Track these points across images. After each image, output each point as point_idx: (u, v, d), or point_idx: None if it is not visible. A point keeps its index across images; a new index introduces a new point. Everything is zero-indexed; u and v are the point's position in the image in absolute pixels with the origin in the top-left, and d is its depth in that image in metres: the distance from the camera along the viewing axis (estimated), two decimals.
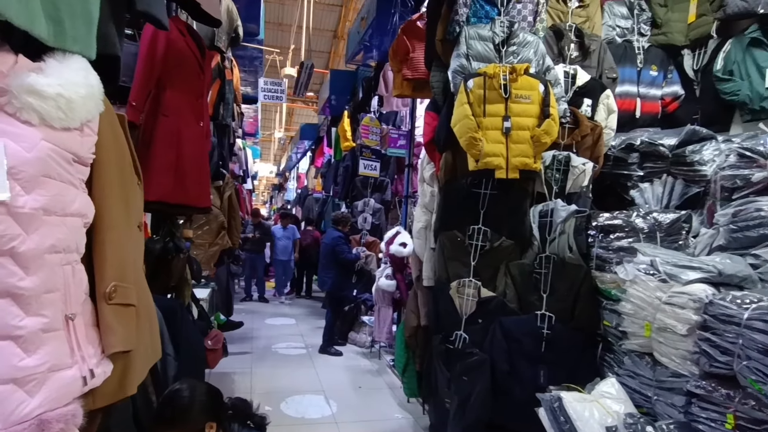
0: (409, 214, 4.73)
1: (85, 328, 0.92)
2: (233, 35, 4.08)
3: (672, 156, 2.63)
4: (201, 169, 2.40)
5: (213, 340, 2.73)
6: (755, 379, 1.68)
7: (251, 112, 9.16)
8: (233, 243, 4.37)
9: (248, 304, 8.13)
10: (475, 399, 2.47)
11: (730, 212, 2.15)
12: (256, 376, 4.52)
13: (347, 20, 14.54)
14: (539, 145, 2.60)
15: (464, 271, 2.69)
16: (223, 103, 4.19)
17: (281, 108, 17.22)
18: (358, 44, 5.99)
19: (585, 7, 3.31)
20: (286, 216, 9.55)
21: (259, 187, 27.55)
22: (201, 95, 2.45)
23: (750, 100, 2.71)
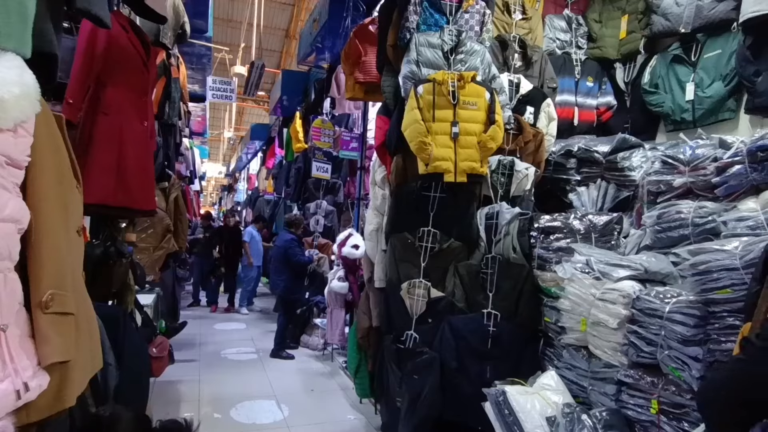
0: (362, 217, 4.77)
1: (19, 339, 0.88)
2: (180, 31, 3.94)
3: (605, 162, 2.83)
4: (145, 170, 2.31)
5: (158, 347, 2.63)
6: (675, 366, 1.84)
7: (199, 111, 8.88)
8: (180, 246, 4.22)
9: (196, 310, 7.86)
10: (425, 396, 2.53)
11: (655, 214, 2.33)
12: (204, 383, 4.39)
13: (299, 20, 14.40)
14: (485, 150, 2.71)
15: (414, 272, 2.76)
16: (168, 102, 4.05)
17: (231, 107, 16.76)
18: (310, 45, 5.97)
19: (528, 19, 3.48)
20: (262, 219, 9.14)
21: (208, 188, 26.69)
22: (145, 93, 2.37)
23: (672, 111, 2.95)
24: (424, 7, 2.97)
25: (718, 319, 1.75)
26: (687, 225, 2.17)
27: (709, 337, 1.76)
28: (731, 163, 2.08)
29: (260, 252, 8.14)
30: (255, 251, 7.92)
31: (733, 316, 1.70)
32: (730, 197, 2.11)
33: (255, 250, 7.93)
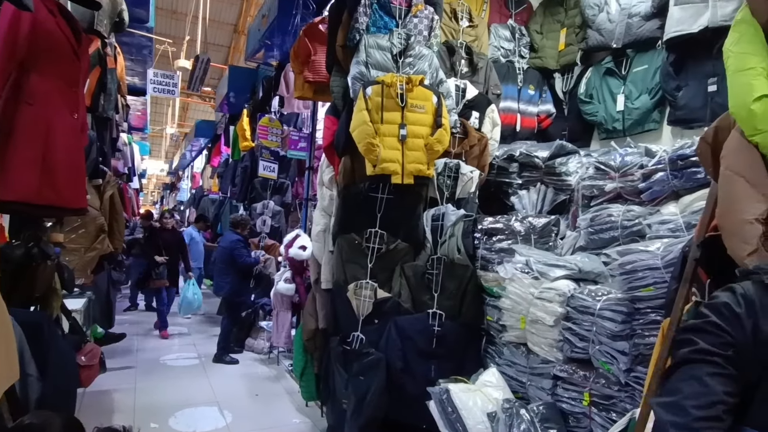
0: (310, 217, 4.71)
1: None
2: (117, 20, 3.75)
3: (545, 167, 2.96)
4: (74, 165, 2.15)
5: (88, 355, 2.47)
6: (605, 360, 1.96)
7: (139, 105, 8.44)
8: (115, 247, 3.98)
9: (134, 314, 7.45)
10: (371, 397, 2.54)
11: (588, 217, 2.47)
12: (140, 391, 4.16)
13: (249, 15, 14.04)
14: (432, 153, 2.76)
15: (361, 273, 2.76)
16: (103, 94, 3.82)
17: (174, 102, 16.04)
18: (259, 42, 5.83)
19: (474, 27, 3.59)
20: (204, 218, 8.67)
21: (149, 186, 25.44)
22: (75, 83, 2.21)
23: (605, 120, 3.14)
24: (374, 9, 2.99)
25: (642, 315, 1.88)
26: (617, 227, 2.32)
27: (635, 332, 1.88)
28: (655, 170, 2.25)
29: (201, 253, 7.85)
30: (195, 253, 7.59)
31: (655, 312, 1.83)
32: (654, 202, 2.27)
33: (195, 252, 7.59)
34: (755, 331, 0.88)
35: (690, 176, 2.11)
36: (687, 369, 0.93)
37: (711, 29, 2.49)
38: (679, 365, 0.95)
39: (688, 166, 2.11)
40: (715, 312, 0.94)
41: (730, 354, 0.89)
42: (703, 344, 0.91)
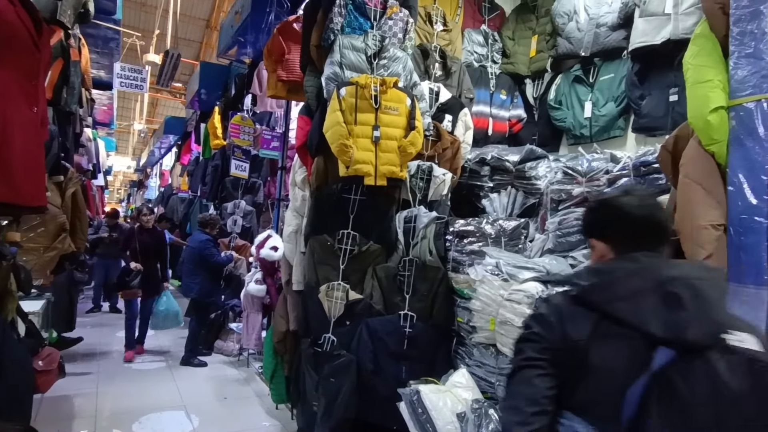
0: (282, 218, 4.66)
1: None
2: (82, 10, 3.60)
3: (515, 171, 3.02)
4: (33, 161, 2.07)
5: (45, 360, 2.36)
6: None
7: (105, 100, 8.16)
8: (78, 247, 3.83)
9: (97, 316, 7.19)
10: (341, 399, 2.53)
11: (556, 221, 2.53)
12: (102, 396, 4.02)
13: (222, 10, 13.77)
14: (405, 155, 2.77)
15: (333, 275, 2.74)
16: (66, 87, 3.68)
17: (142, 97, 15.59)
18: (232, 38, 5.73)
19: (448, 31, 3.63)
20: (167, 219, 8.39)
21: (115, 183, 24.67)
22: (35, 76, 2.11)
23: (573, 126, 3.23)
24: (349, 9, 2.98)
25: None
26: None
27: None
28: (620, 175, 2.32)
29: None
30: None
31: None
32: None
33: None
34: (564, 335, 1.07)
35: (652, 182, 2.19)
36: (520, 374, 1.10)
37: (673, 41, 2.60)
38: (516, 372, 1.12)
39: (651, 172, 2.19)
40: (536, 322, 1.13)
41: (549, 357, 1.08)
42: (529, 353, 1.10)
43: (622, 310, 1.02)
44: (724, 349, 0.93)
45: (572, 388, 1.05)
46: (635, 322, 1.00)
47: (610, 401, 0.99)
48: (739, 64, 1.49)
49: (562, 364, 1.06)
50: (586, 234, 1.27)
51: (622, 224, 1.15)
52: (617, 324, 1.02)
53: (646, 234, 1.13)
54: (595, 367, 1.02)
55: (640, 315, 1.00)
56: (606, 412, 1.00)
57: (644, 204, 1.15)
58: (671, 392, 0.94)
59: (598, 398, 1.02)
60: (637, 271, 1.06)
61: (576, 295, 1.11)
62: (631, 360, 0.99)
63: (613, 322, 1.03)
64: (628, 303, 1.02)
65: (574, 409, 1.05)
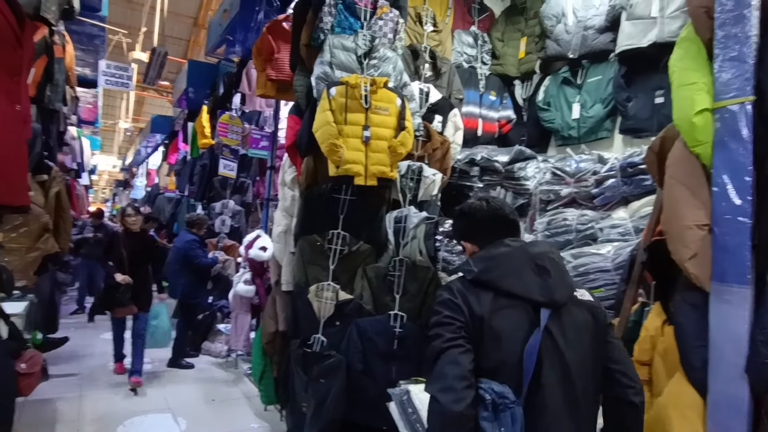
0: (271, 218, 4.63)
1: None
2: (66, 7, 3.55)
3: (504, 171, 3.04)
4: (15, 160, 2.03)
5: (28, 362, 2.31)
6: None
7: (90, 98, 8.04)
8: (61, 247, 3.77)
9: (80, 318, 7.06)
10: (331, 400, 2.51)
11: (545, 221, 2.56)
12: (86, 399, 3.96)
13: (210, 9, 13.64)
14: (395, 155, 2.77)
15: (323, 275, 2.73)
16: (50, 84, 3.62)
17: (128, 95, 15.38)
18: (220, 37, 5.69)
19: (438, 32, 3.64)
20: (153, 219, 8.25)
21: (99, 182, 24.29)
22: (17, 73, 2.08)
23: (561, 128, 3.26)
24: (339, 9, 2.97)
25: None
26: (571, 231, 2.41)
27: None
28: (607, 176, 2.35)
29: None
30: None
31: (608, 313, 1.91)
32: (606, 207, 2.38)
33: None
34: (471, 313, 1.25)
35: (639, 183, 2.22)
36: (444, 356, 1.23)
37: (658, 44, 2.64)
38: (440, 354, 1.24)
39: (637, 173, 2.22)
40: (445, 308, 1.28)
41: (464, 335, 1.24)
42: (448, 335, 1.25)
43: (511, 284, 1.27)
44: (574, 301, 1.31)
45: (483, 356, 1.24)
46: (522, 292, 1.26)
47: (515, 360, 1.22)
48: (724, 67, 1.52)
49: (473, 338, 1.24)
50: (455, 239, 1.58)
51: (476, 224, 1.45)
52: (508, 297, 1.26)
53: (497, 226, 1.42)
54: (498, 335, 1.24)
55: (524, 287, 1.26)
56: (512, 370, 1.21)
57: (489, 205, 1.45)
58: (552, 341, 1.24)
59: (505, 359, 1.23)
60: (511, 252, 1.33)
61: (472, 279, 1.30)
62: (524, 323, 1.25)
63: (505, 295, 1.27)
64: (513, 278, 1.27)
65: (487, 374, 1.23)
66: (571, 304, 1.30)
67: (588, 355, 1.28)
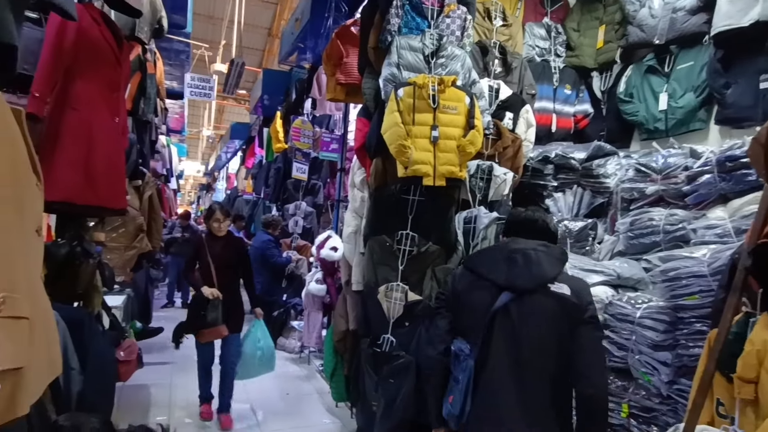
0: (341, 219, 4.74)
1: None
2: (156, 26, 3.87)
3: (581, 169, 2.87)
4: (115, 167, 2.24)
5: (126, 351, 2.55)
6: (645, 371, 1.87)
7: (177, 108, 8.71)
8: (153, 246, 4.12)
9: (170, 311, 7.68)
10: (400, 400, 2.51)
11: (628, 221, 2.38)
12: (175, 387, 4.28)
13: (282, 19, 14.27)
14: (464, 155, 2.71)
15: (392, 276, 2.74)
16: (143, 98, 3.95)
17: (210, 105, 16.50)
18: (292, 45, 5.92)
19: (508, 26, 3.52)
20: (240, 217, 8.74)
21: (186, 186, 26.24)
22: (117, 88, 2.30)
23: (646, 120, 3.02)
24: (405, 10, 2.97)
25: (686, 324, 1.78)
26: (658, 232, 2.22)
27: (678, 342, 1.79)
28: (701, 172, 2.14)
29: None
30: None
31: (700, 322, 1.74)
32: (700, 206, 2.16)
33: None
34: (453, 289, 1.73)
35: (740, 179, 1.99)
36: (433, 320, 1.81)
37: (762, 23, 2.35)
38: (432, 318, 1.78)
39: (738, 168, 2.00)
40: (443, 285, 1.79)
41: (445, 305, 1.76)
42: (436, 305, 1.86)
43: (482, 270, 1.66)
44: (544, 291, 1.54)
45: (458, 320, 1.71)
46: (489, 276, 1.63)
47: (477, 326, 1.60)
48: None
49: (452, 307, 1.72)
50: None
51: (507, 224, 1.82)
52: (479, 278, 1.66)
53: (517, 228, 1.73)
54: (469, 306, 1.66)
55: (491, 273, 1.63)
56: (475, 334, 1.61)
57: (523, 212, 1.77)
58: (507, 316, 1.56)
59: (471, 325, 1.64)
60: (496, 247, 1.82)
61: (465, 264, 1.78)
62: (488, 300, 1.60)
63: (478, 278, 1.66)
64: (486, 266, 1.66)
65: (460, 335, 1.69)
66: (540, 293, 1.54)
67: (546, 338, 1.51)
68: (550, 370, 1.50)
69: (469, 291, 1.65)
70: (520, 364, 1.51)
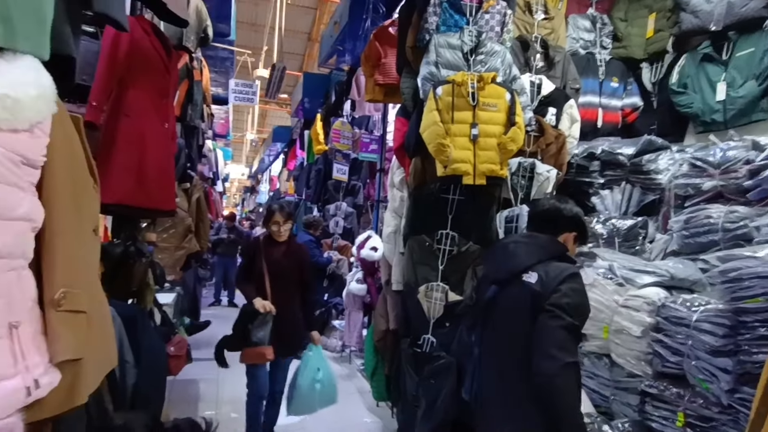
0: (381, 219, 4.75)
1: (32, 336, 0.89)
2: (202, 35, 4.02)
3: (630, 165, 2.74)
4: (165, 171, 2.35)
5: (176, 346, 2.67)
6: (703, 378, 1.77)
7: (222, 114, 9.02)
8: (201, 247, 4.28)
9: (217, 309, 7.97)
10: (441, 401, 2.49)
11: (682, 219, 2.25)
12: (222, 382, 4.43)
13: (322, 23, 14.50)
14: (505, 152, 2.65)
15: (432, 276, 2.72)
16: (191, 104, 4.12)
17: (253, 109, 17.00)
18: (331, 48, 6.00)
19: (550, 19, 3.41)
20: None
21: (231, 189, 27.14)
22: (166, 96, 2.40)
23: (702, 112, 2.85)
24: (443, 8, 2.94)
25: (749, 329, 1.66)
26: (717, 230, 2.09)
27: (740, 348, 1.68)
28: (765, 165, 1.99)
29: None
30: None
31: (765, 327, 1.62)
32: (763, 202, 2.02)
33: None
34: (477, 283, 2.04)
35: None
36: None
37: None
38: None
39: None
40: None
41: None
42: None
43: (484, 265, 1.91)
44: (517, 281, 1.60)
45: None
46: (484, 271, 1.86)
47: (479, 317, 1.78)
48: None
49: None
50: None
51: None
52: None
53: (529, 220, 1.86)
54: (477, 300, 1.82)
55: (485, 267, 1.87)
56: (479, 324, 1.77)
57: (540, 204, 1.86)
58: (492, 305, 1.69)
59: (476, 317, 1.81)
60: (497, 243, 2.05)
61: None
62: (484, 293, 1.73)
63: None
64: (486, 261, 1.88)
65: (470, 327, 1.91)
66: (514, 284, 1.61)
67: (513, 329, 1.58)
68: (522, 361, 1.50)
69: (479, 285, 1.83)
70: (500, 352, 1.63)
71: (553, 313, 1.48)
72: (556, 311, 1.48)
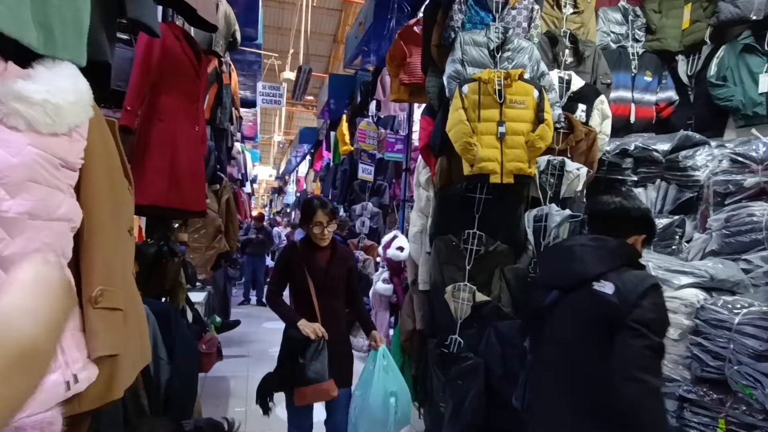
0: (407, 218, 4.74)
1: (71, 332, 0.92)
2: (231, 40, 4.10)
3: (665, 161, 2.65)
4: (196, 172, 2.40)
5: (207, 344, 2.73)
6: (746, 383, 1.69)
7: (250, 116, 9.19)
8: (231, 247, 4.37)
9: (246, 308, 8.13)
10: (469, 403, 2.46)
11: (722, 217, 2.16)
12: (252, 379, 4.50)
13: (347, 25, 14.59)
14: (534, 150, 2.60)
15: (459, 276, 2.69)
16: (220, 108, 4.21)
17: (281, 112, 17.26)
18: (356, 48, 6.02)
19: (579, 13, 3.33)
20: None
21: (259, 190, 27.60)
22: (196, 100, 2.46)
23: (743, 105, 2.72)
24: (469, 5, 2.91)
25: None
26: (760, 229, 2.00)
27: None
28: None
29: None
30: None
31: None
32: None
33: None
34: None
35: None
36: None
37: None
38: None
39: None
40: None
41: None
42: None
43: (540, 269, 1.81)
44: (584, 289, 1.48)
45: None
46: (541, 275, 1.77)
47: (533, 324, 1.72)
48: None
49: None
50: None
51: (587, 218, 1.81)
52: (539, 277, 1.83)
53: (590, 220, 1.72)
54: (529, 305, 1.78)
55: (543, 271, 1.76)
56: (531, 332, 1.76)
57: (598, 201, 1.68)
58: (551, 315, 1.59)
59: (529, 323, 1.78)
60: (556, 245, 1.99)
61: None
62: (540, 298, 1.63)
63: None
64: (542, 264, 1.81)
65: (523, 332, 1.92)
66: (582, 292, 1.49)
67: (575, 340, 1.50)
68: (582, 373, 1.45)
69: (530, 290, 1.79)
70: (561, 359, 1.54)
71: (637, 332, 1.34)
72: (641, 329, 1.34)
